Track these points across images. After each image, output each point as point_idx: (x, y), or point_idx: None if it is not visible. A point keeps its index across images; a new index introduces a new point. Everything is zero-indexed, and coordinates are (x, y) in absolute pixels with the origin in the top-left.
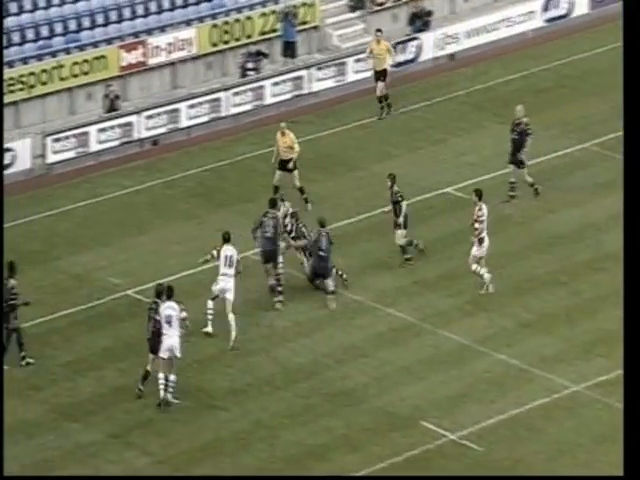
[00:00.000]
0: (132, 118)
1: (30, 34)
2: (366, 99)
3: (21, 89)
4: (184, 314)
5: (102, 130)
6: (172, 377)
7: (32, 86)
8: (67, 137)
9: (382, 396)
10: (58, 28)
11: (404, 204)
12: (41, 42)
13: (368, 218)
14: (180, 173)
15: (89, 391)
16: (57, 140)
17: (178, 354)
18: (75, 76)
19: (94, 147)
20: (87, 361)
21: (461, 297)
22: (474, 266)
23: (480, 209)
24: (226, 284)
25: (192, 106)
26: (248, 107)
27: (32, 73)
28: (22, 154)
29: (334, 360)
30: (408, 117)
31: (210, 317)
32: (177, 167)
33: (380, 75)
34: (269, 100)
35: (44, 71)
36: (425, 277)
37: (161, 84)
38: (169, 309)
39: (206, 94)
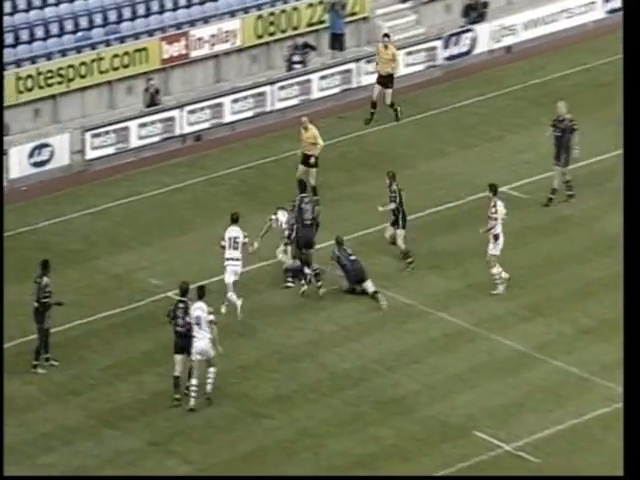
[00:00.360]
0: (174, 113)
1: (69, 25)
2: (417, 93)
3: (59, 82)
4: (212, 317)
5: (143, 125)
6: (212, 370)
7: (71, 79)
8: (106, 132)
9: (434, 405)
10: (98, 19)
11: (399, 203)
12: (80, 34)
13: (418, 219)
14: (223, 170)
15: (128, 396)
16: (96, 136)
17: (212, 355)
18: (115, 69)
19: (134, 143)
20: (126, 365)
21: (517, 301)
22: (495, 269)
23: (494, 205)
24: (236, 268)
25: (236, 100)
26: (294, 102)
27: (71, 66)
28: (60, 150)
29: (384, 366)
30: (461, 113)
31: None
32: (220, 164)
33: (385, 81)
34: (316, 94)
35: (83, 64)
36: (479, 280)
37: (204, 77)
38: (198, 310)
39: (251, 88)
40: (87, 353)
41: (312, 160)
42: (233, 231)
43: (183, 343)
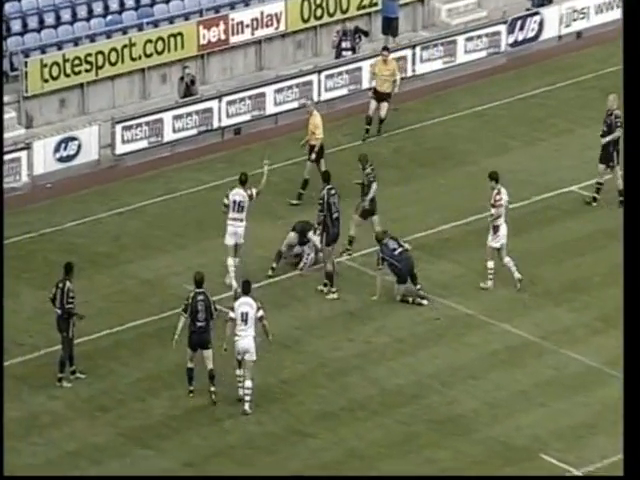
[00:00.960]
0: (212, 104)
1: (98, 8)
2: (479, 83)
3: (88, 70)
4: (261, 312)
5: (178, 117)
6: (248, 383)
7: (100, 67)
8: (138, 125)
9: (495, 425)
10: (129, 1)
11: (374, 186)
12: (110, 17)
13: (479, 220)
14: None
15: (161, 413)
16: (127, 128)
17: (254, 357)
18: (148, 56)
19: (169, 136)
20: (159, 379)
21: (589, 312)
22: (490, 263)
23: (499, 193)
24: (237, 229)
25: (279, 90)
26: (343, 92)
27: (100, 52)
28: (88, 143)
29: (440, 382)
30: (527, 104)
31: (232, 273)
32: (262, 160)
33: (383, 97)
34: (367, 84)
35: (113, 50)
36: (547, 288)
37: (245, 65)
38: (246, 306)
39: (296, 77)
40: (116, 365)
41: (312, 155)
42: (237, 195)
43: (201, 339)
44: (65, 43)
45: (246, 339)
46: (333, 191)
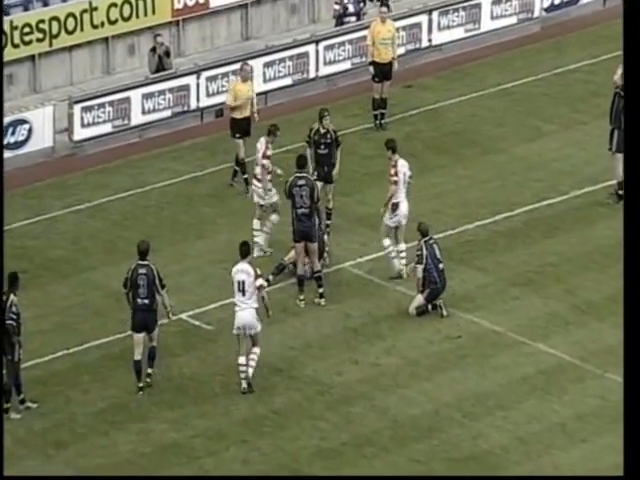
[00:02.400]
0: (189, 80)
1: None
2: (508, 55)
3: (40, 40)
4: (260, 281)
5: (148, 96)
6: (257, 350)
7: (54, 36)
8: (101, 105)
9: (528, 463)
10: None
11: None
12: None
13: (508, 219)
14: (253, 155)
15: (128, 449)
16: (88, 109)
17: (258, 329)
18: (112, 22)
19: (137, 119)
20: (126, 409)
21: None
22: (386, 241)
23: (394, 165)
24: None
25: (269, 64)
26: (346, 66)
27: (55, 18)
28: (40, 128)
29: (462, 413)
30: (566, 80)
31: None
32: (250, 146)
33: (384, 70)
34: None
35: (71, 15)
36: (588, 300)
37: (228, 34)
38: (242, 274)
39: (289, 48)
40: (75, 393)
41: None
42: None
43: (144, 319)
44: (12, 7)
45: (246, 311)
46: (302, 181)
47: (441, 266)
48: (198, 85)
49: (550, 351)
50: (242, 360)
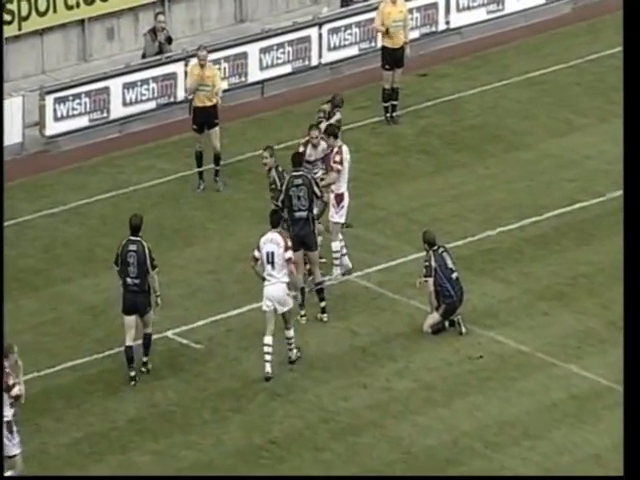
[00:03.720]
0: (175, 68)
1: None
2: (535, 40)
3: (8, 22)
4: (290, 254)
5: (130, 86)
6: (291, 333)
7: (24, 18)
8: (77, 96)
9: None
10: None
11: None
12: None
13: (535, 224)
14: (249, 152)
15: None
16: (62, 100)
17: (290, 305)
18: (89, 3)
19: (118, 112)
20: (105, 438)
21: None
22: (335, 244)
23: (339, 152)
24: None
25: (266, 50)
26: (352, 51)
27: None
28: (9, 121)
29: (483, 443)
30: (601, 68)
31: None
32: (245, 143)
33: (395, 57)
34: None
35: None
36: None
37: (220, 16)
38: (271, 244)
39: (288, 32)
40: (47, 420)
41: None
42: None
43: (135, 301)
44: None
45: (276, 285)
46: (299, 180)
47: (454, 275)
48: (186, 73)
49: (583, 374)
50: (268, 340)
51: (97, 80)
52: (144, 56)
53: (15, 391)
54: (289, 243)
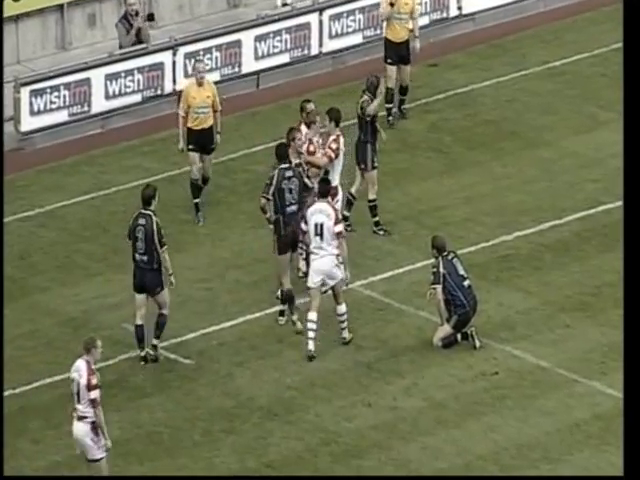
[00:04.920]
0: (163, 57)
1: None
2: (557, 26)
3: None
4: (340, 227)
5: (113, 77)
6: (343, 308)
7: None
8: (55, 88)
9: None
10: None
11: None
12: None
13: (556, 228)
14: (243, 149)
15: None
16: (38, 93)
17: (339, 276)
18: None
19: (100, 105)
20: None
21: None
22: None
23: (337, 140)
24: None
25: (262, 38)
26: (356, 39)
27: None
28: None
29: (499, 466)
30: None
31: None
32: (239, 139)
33: (403, 53)
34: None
35: None
36: None
37: (211, 1)
38: (320, 215)
39: (285, 18)
40: (24, 442)
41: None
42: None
43: (143, 278)
44: None
45: (325, 259)
46: (290, 172)
47: (466, 283)
48: (174, 63)
49: (608, 391)
50: (313, 316)
51: (77, 71)
52: (121, 48)
53: (94, 394)
54: (339, 216)
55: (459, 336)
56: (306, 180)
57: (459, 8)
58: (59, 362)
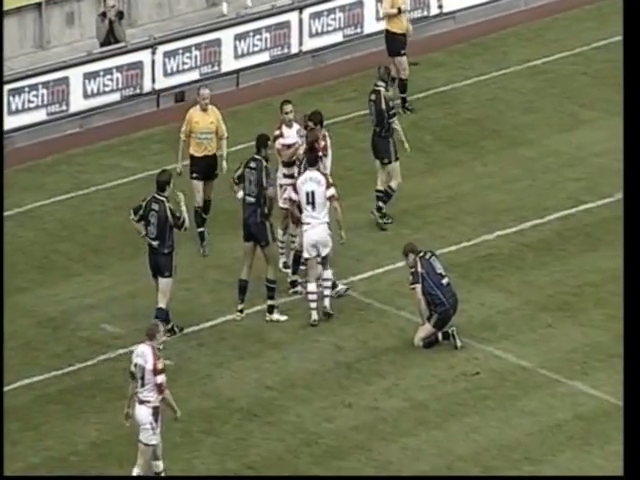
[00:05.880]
0: (142, 56)
1: None
2: (538, 24)
3: None
4: (332, 191)
5: (92, 76)
6: (329, 273)
7: None
8: (32, 87)
9: None
10: None
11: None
12: None
13: (537, 228)
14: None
15: None
16: (16, 92)
17: (330, 247)
18: None
19: (78, 105)
20: (65, 464)
21: None
22: None
23: (323, 139)
24: None
25: (241, 37)
26: (336, 38)
27: None
28: None
29: (481, 467)
30: (610, 56)
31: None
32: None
33: (397, 46)
34: (371, 26)
35: None
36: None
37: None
38: (310, 183)
39: (266, 16)
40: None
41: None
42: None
43: (156, 261)
44: None
45: (318, 228)
46: (253, 164)
47: (445, 281)
48: (153, 62)
49: (590, 391)
50: (313, 287)
51: (55, 70)
52: (100, 44)
53: (161, 378)
54: (331, 180)
55: (440, 335)
56: (264, 178)
57: (440, 7)
58: (37, 363)
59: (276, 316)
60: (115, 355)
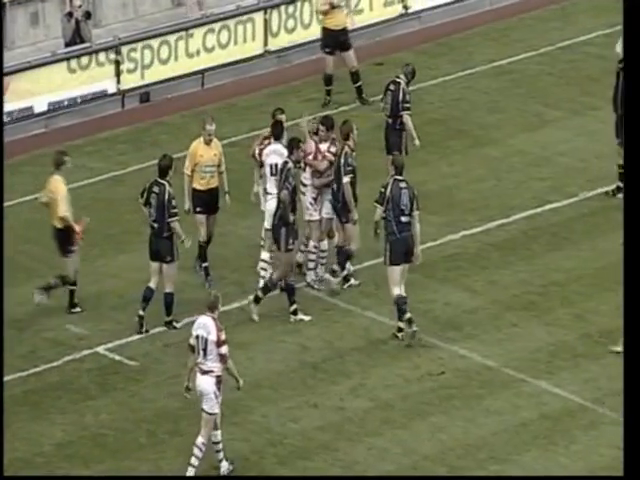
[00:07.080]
0: (106, 56)
1: None
2: (503, 24)
3: None
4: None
5: (57, 75)
6: (324, 244)
7: None
8: None
9: None
10: None
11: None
12: None
13: (503, 227)
14: (186, 150)
15: None
16: None
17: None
18: None
19: (42, 105)
20: (30, 465)
21: None
22: (324, 243)
23: (334, 144)
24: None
25: (207, 37)
26: (301, 38)
27: None
28: None
29: (447, 467)
30: (575, 56)
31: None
32: (185, 139)
33: (341, 40)
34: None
35: None
36: (603, 327)
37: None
38: (273, 155)
39: (232, 16)
40: None
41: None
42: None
43: (156, 244)
44: None
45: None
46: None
47: (404, 219)
48: (118, 62)
49: (555, 391)
50: (265, 255)
51: (20, 70)
52: (66, 44)
53: (225, 349)
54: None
55: (406, 319)
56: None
57: (405, 7)
58: (3, 364)
59: (300, 316)
60: (80, 356)
